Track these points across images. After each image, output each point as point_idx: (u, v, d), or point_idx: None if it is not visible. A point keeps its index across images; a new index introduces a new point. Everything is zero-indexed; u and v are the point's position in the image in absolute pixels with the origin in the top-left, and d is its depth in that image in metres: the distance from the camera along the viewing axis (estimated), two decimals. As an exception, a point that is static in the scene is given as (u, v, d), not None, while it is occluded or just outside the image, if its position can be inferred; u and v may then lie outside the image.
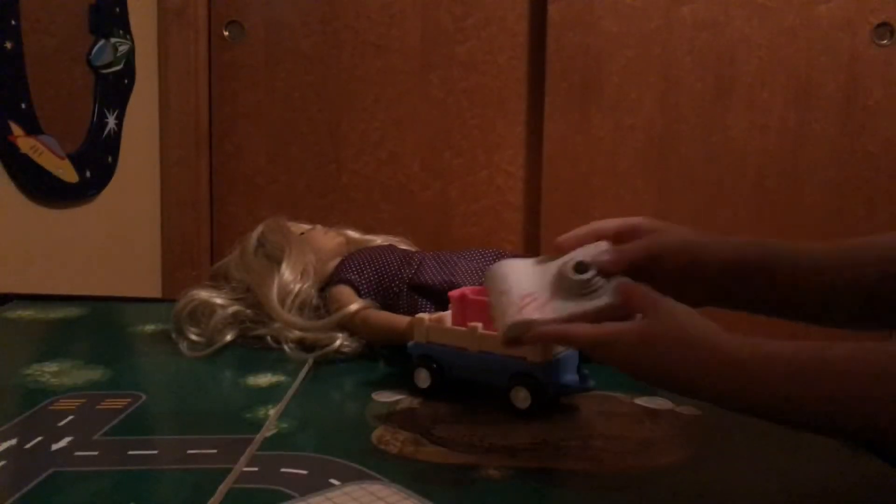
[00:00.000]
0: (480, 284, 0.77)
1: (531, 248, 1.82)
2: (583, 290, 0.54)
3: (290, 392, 0.67)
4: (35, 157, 1.18)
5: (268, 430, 0.58)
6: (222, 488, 0.47)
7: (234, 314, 0.83)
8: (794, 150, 1.78)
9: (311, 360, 0.76)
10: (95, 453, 0.53)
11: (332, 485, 0.48)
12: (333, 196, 1.83)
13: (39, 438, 0.55)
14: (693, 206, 1.80)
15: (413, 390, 0.68)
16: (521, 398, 0.62)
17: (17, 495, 0.46)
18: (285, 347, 0.79)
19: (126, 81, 1.50)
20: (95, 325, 0.95)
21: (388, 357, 0.80)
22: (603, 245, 0.57)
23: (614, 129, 1.78)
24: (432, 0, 1.79)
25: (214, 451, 0.54)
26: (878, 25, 1.72)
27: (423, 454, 0.54)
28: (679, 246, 0.58)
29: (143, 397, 0.66)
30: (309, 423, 0.60)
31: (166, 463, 0.53)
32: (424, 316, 0.69)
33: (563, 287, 0.55)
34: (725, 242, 0.59)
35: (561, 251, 0.58)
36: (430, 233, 1.81)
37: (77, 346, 0.86)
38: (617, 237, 0.58)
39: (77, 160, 1.31)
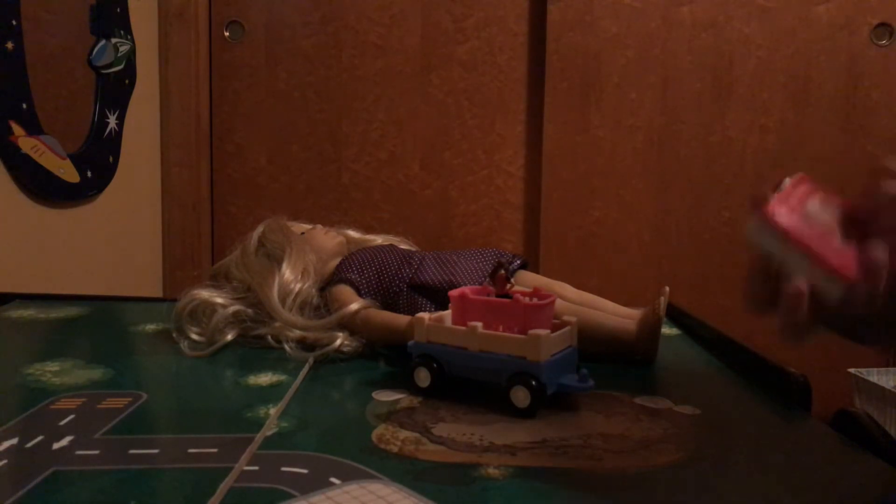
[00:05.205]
0: (480, 284, 0.78)
1: (531, 248, 1.82)
2: None
3: (291, 391, 0.67)
4: (36, 157, 1.18)
5: (268, 430, 0.58)
6: (223, 487, 0.47)
7: (235, 313, 0.83)
8: (794, 151, 1.78)
9: (311, 360, 0.77)
10: (96, 452, 0.53)
11: (333, 484, 0.48)
12: (333, 196, 1.84)
13: (40, 437, 0.55)
14: (692, 206, 1.80)
15: (413, 390, 0.68)
16: (521, 397, 0.62)
17: (17, 494, 0.46)
18: (286, 347, 0.79)
19: (127, 81, 1.50)
20: (96, 325, 0.95)
21: (388, 356, 0.80)
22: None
23: (614, 129, 1.79)
24: (432, 0, 1.79)
25: (215, 450, 0.54)
26: (878, 25, 1.72)
27: (423, 453, 0.54)
28: None
29: (144, 396, 0.66)
30: (309, 423, 0.60)
31: (167, 462, 0.53)
32: (424, 315, 0.69)
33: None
34: None
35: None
36: (430, 233, 1.82)
37: (78, 345, 0.86)
38: None
39: (78, 160, 1.31)
